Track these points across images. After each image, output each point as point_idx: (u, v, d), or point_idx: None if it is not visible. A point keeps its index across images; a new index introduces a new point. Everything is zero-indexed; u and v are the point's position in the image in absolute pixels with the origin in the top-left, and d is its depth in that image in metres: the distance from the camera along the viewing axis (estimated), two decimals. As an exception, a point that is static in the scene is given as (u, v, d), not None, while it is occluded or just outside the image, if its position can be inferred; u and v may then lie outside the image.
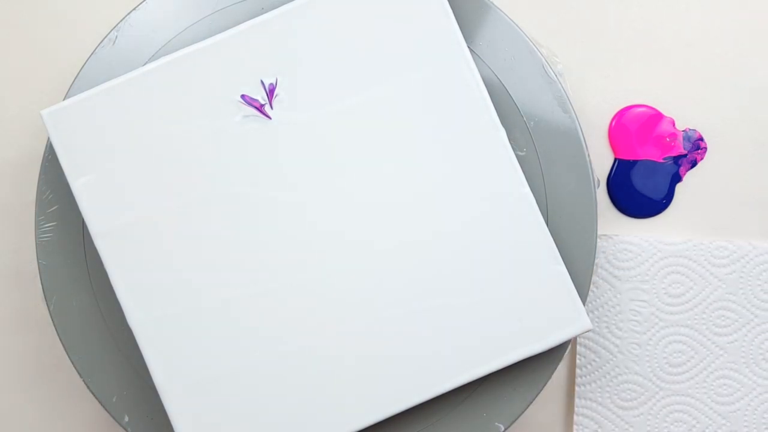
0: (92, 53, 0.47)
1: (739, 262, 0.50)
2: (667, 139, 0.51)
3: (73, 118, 0.44)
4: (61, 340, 0.46)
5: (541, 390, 0.46)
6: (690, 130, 0.51)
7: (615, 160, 0.51)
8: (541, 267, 0.44)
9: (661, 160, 0.51)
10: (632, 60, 0.51)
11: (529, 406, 0.46)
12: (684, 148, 0.51)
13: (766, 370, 0.50)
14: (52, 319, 0.46)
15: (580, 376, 0.50)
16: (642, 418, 0.50)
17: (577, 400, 0.50)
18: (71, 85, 0.47)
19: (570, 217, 0.47)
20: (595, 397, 0.50)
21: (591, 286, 0.49)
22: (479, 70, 0.46)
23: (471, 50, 0.47)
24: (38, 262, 0.46)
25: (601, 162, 0.51)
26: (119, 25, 0.48)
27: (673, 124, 0.51)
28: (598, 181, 0.51)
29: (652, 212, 0.51)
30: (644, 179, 0.51)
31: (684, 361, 0.50)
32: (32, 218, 0.48)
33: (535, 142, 0.47)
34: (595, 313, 0.50)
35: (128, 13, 0.48)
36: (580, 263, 0.46)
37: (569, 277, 0.44)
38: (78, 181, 0.44)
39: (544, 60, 0.47)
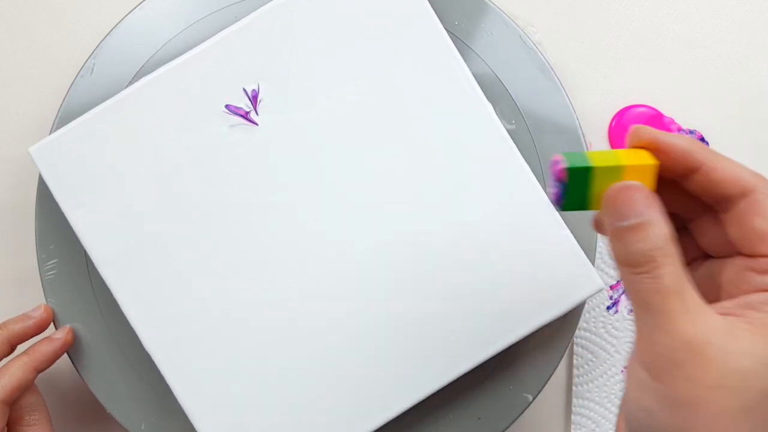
0: (72, 84, 0.47)
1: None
2: (667, 140, 0.51)
3: (61, 151, 0.44)
4: (81, 375, 0.47)
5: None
6: (690, 130, 0.51)
7: (614, 160, 0.51)
8: (545, 234, 0.44)
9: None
10: (632, 60, 0.51)
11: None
12: (683, 149, 0.51)
13: (763, 369, 0.50)
14: (69, 356, 0.47)
15: (577, 376, 0.50)
16: (639, 417, 0.50)
17: (574, 400, 0.50)
18: (56, 118, 0.47)
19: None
20: (592, 396, 0.50)
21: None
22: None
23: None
24: (46, 300, 0.47)
25: (601, 162, 0.51)
26: (95, 52, 0.48)
27: (673, 124, 0.51)
28: None
29: (652, 212, 0.51)
30: (644, 179, 0.51)
31: (682, 359, 0.50)
32: (32, 218, 0.48)
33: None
34: (591, 313, 0.50)
35: (102, 39, 0.48)
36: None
37: (575, 240, 0.44)
38: (75, 214, 0.44)
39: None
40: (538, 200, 0.44)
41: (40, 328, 0.46)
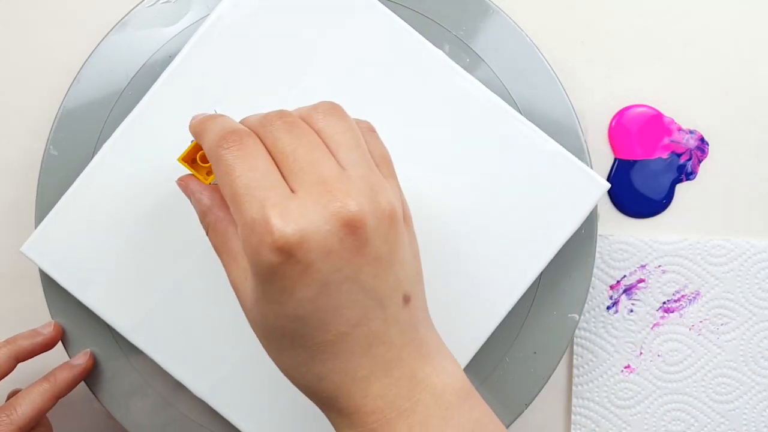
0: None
1: (737, 261, 0.50)
2: (667, 139, 0.51)
3: (51, 240, 0.44)
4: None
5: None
6: (690, 130, 0.51)
7: (615, 160, 0.51)
8: (535, 153, 0.44)
9: (661, 160, 0.51)
10: (632, 60, 0.51)
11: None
12: (684, 148, 0.51)
13: (764, 368, 0.50)
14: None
15: (577, 376, 0.50)
16: (639, 417, 0.50)
17: (574, 400, 0.50)
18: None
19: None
20: (592, 396, 0.50)
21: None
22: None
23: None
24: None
25: (601, 162, 0.51)
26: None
27: (673, 124, 0.51)
28: None
29: (652, 212, 0.51)
30: (644, 179, 0.51)
31: (681, 359, 0.50)
32: (32, 218, 0.48)
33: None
34: (591, 313, 0.50)
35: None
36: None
37: (567, 150, 0.44)
38: (87, 295, 0.44)
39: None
40: (518, 124, 0.44)
41: (47, 346, 0.45)
